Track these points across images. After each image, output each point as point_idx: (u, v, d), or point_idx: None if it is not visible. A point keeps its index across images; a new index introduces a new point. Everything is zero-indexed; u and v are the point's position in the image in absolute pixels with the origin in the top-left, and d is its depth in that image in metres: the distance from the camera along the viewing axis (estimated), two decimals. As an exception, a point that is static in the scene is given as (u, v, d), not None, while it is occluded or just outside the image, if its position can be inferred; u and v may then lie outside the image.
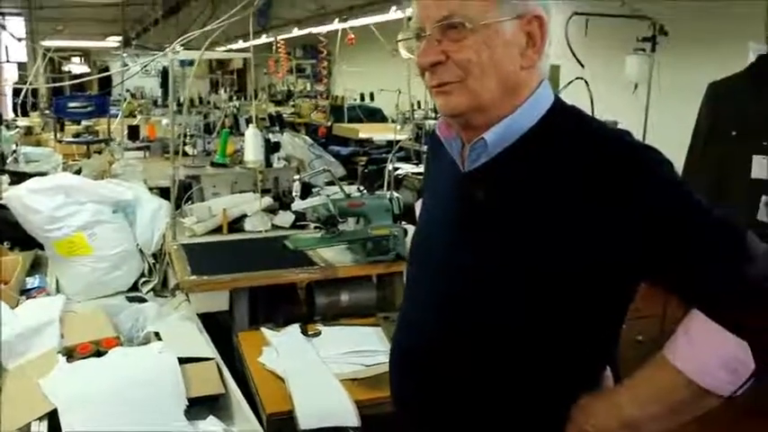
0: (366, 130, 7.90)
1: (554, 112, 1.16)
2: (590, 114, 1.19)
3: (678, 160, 3.70)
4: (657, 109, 5.00)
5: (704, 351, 1.04)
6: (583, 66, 3.87)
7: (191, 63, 5.21)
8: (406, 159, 6.42)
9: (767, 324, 1.00)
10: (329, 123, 8.47)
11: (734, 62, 3.35)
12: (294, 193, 2.96)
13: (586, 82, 3.33)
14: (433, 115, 7.46)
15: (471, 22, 1.08)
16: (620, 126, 4.56)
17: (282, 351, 2.22)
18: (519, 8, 1.09)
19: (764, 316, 1.00)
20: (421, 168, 5.72)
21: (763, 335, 1.01)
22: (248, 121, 3.67)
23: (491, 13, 1.08)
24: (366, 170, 5.34)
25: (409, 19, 1.17)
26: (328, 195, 2.87)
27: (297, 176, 3.06)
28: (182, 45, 3.28)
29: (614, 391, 1.16)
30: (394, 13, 5.75)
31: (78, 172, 4.19)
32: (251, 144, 3.22)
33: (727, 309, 1.02)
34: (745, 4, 3.49)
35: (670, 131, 4.50)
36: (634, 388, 1.12)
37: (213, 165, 3.81)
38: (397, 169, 6.07)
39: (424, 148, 6.13)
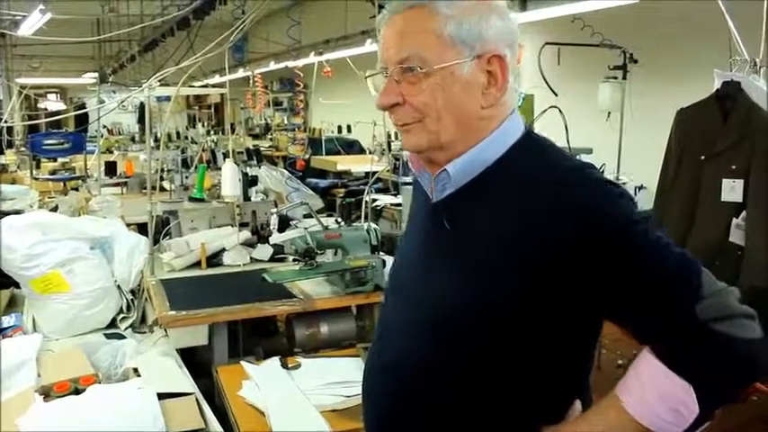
0: (344, 162, 7.94)
1: (521, 144, 1.17)
2: (557, 146, 1.20)
3: (651, 185, 3.77)
4: (630, 135, 5.08)
5: (651, 393, 1.04)
6: (556, 94, 3.93)
7: (167, 98, 5.24)
8: (385, 191, 6.45)
9: (712, 368, 1.02)
10: (307, 156, 8.50)
11: (701, 88, 3.43)
12: (272, 227, 2.96)
13: (560, 110, 3.38)
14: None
15: (427, 66, 1.10)
16: (594, 152, 4.62)
17: (262, 384, 2.21)
18: (477, 49, 1.11)
19: (709, 360, 1.02)
20: (399, 199, 5.76)
21: (707, 379, 1.02)
22: (225, 156, 3.69)
23: (447, 56, 1.10)
24: (344, 202, 5.36)
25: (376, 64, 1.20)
26: (306, 228, 2.89)
27: (274, 210, 3.07)
28: (158, 81, 3.30)
29: (573, 424, 1.16)
30: (369, 46, 5.83)
31: (55, 209, 4.17)
32: (228, 178, 3.24)
33: (674, 351, 1.03)
34: (710, 33, 3.58)
35: (643, 156, 4.57)
36: (589, 422, 1.12)
37: (191, 199, 3.82)
38: (375, 201, 6.10)
39: (403, 179, 6.18)
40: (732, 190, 3.17)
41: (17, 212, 3.79)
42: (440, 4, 1.11)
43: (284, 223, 3.61)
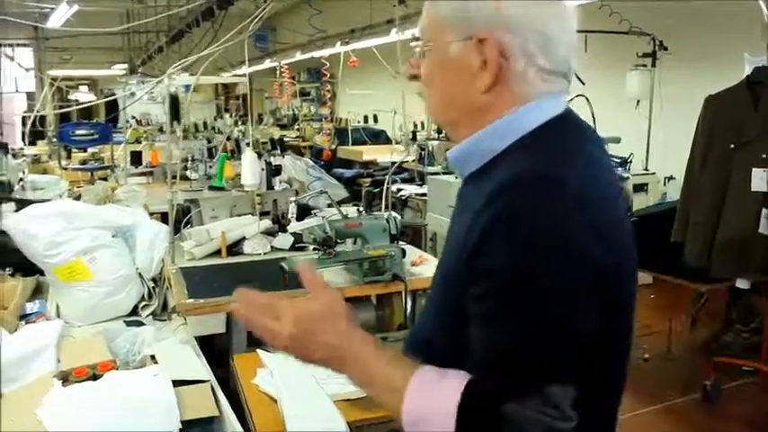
0: (370, 152, 7.95)
1: (534, 134, 1.06)
2: (570, 141, 1.09)
3: (681, 175, 3.69)
4: (660, 123, 4.99)
5: (434, 405, 0.98)
6: (584, 83, 3.87)
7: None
8: (410, 180, 6.44)
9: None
10: (334, 146, 8.51)
11: (732, 74, 3.35)
12: (290, 215, 2.96)
13: (587, 99, 3.32)
14: (436, 136, 7.49)
15: (429, 42, 1.13)
16: (623, 142, 4.53)
17: (277, 372, 2.21)
18: (466, 30, 1.07)
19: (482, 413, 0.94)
20: (425, 189, 5.75)
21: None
22: (248, 145, 3.70)
23: (443, 35, 1.11)
24: (367, 191, 5.35)
25: (414, 39, 1.21)
26: (325, 217, 2.88)
27: (293, 198, 3.07)
28: (182, 70, 3.31)
29: (367, 346, 1.15)
30: (394, 36, 5.80)
31: (78, 198, 4.21)
32: (248, 167, 3.24)
33: (466, 400, 0.96)
34: (742, 17, 3.49)
35: (673, 146, 4.49)
36: (370, 361, 1.12)
37: (211, 188, 3.83)
38: (400, 190, 6.09)
39: (429, 168, 6.16)
40: (762, 180, 3.10)
41: (45, 201, 3.83)
42: None
43: (305, 212, 3.60)
